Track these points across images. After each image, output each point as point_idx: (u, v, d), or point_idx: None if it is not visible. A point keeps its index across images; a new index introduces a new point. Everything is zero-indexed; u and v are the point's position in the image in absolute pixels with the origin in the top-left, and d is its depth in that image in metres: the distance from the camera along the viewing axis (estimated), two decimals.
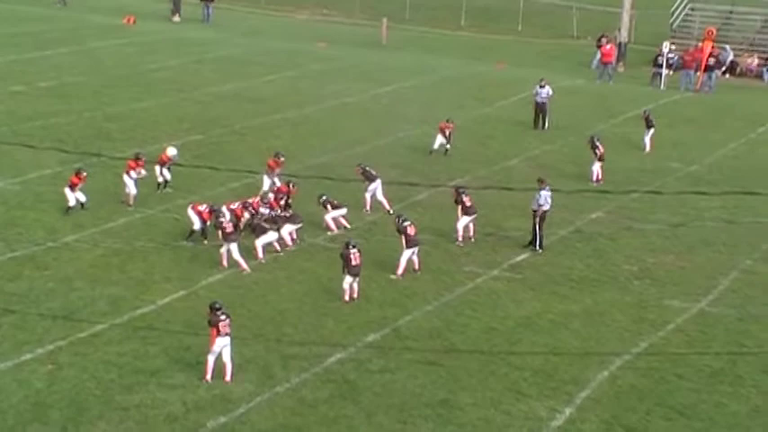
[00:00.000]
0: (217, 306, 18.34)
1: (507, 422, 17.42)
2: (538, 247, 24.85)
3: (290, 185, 25.83)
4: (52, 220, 25.05)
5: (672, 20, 52.07)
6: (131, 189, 26.28)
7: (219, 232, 23.12)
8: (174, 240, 24.28)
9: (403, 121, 35.31)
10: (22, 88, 36.99)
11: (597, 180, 29.98)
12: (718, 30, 48.56)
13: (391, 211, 26.29)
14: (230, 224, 23.40)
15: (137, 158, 26.49)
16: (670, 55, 45.42)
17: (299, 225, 24.64)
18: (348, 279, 21.61)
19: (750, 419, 18.01)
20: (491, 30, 55.67)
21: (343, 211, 25.64)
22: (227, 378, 18.10)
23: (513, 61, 48.39)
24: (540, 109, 35.53)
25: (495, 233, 25.99)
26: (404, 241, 23.08)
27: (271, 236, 23.86)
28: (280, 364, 18.81)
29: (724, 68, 47.76)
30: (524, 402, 17.99)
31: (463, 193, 25.14)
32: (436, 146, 31.65)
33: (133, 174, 26.23)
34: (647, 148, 33.62)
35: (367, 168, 27.07)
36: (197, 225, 24.01)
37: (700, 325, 21.53)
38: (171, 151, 27.73)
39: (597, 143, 30.21)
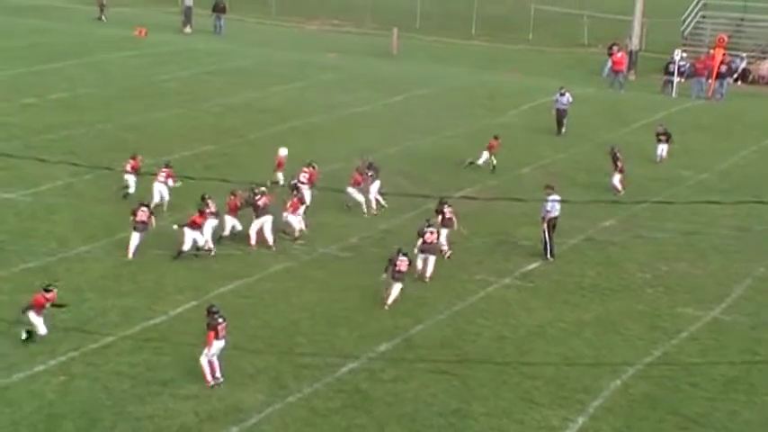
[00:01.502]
0: (214, 309, 18.47)
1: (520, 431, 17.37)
2: (549, 256, 24.80)
3: (313, 167, 27.21)
4: (64, 232, 25.11)
5: (683, 27, 52.01)
6: (165, 196, 26.65)
7: (253, 209, 24.30)
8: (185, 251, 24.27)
9: (413, 131, 35.31)
10: (33, 100, 37.13)
11: (618, 191, 29.50)
12: (729, 37, 48.50)
13: (385, 205, 27.31)
14: (263, 199, 24.44)
15: (167, 166, 27.05)
16: (681, 62, 45.35)
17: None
18: (392, 284, 21.71)
19: (764, 428, 17.92)
20: (502, 39, 55.68)
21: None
22: (217, 374, 18.14)
23: (524, 70, 48.39)
24: (559, 115, 36.33)
25: (506, 242, 25.95)
26: (419, 243, 23.11)
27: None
28: (292, 374, 18.80)
29: (736, 76, 47.67)
30: (537, 411, 17.94)
31: (445, 204, 24.77)
32: (481, 161, 31.19)
33: (170, 182, 26.68)
34: (659, 159, 33.27)
35: (373, 162, 27.31)
36: (187, 245, 23.84)
37: (713, 333, 21.45)
38: (283, 152, 28.48)
39: (618, 154, 29.90)
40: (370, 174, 27.52)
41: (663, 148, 33.24)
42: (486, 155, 31.39)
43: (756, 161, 34.75)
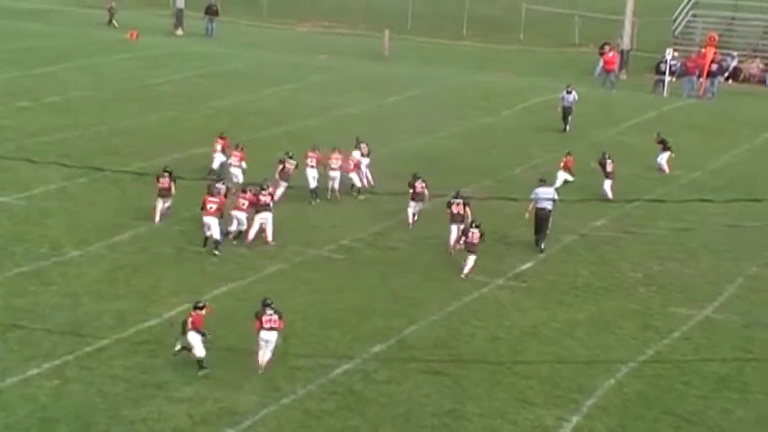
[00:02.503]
0: (267, 302, 19.06)
1: (514, 431, 17.42)
2: (537, 245, 25.13)
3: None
4: (58, 235, 25.11)
5: (674, 26, 52.13)
6: (240, 178, 27.97)
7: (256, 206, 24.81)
8: (179, 253, 24.32)
9: (405, 131, 35.35)
10: (28, 104, 37.11)
11: (609, 198, 29.11)
12: (720, 36, 48.62)
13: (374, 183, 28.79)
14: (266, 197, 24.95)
15: (239, 149, 28.77)
16: (672, 62, 45.45)
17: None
18: (468, 256, 23.56)
19: (757, 426, 18.00)
20: (493, 39, 55.76)
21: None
22: (261, 363, 18.80)
23: (516, 70, 48.47)
24: (565, 113, 36.92)
25: (499, 242, 25.99)
26: (448, 216, 24.89)
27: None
28: (286, 375, 18.83)
29: (727, 74, 47.79)
30: (531, 411, 18.00)
31: (455, 202, 25.09)
32: (558, 183, 29.87)
33: (243, 164, 28.32)
34: (666, 170, 32.62)
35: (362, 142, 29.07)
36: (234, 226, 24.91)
37: (706, 332, 21.53)
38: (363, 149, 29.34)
39: (607, 160, 29.84)
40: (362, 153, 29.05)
41: (663, 157, 32.85)
42: (563, 174, 30.52)
43: (748, 159, 34.85)
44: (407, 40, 55.16)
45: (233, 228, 25.08)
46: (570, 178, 30.65)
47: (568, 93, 36.87)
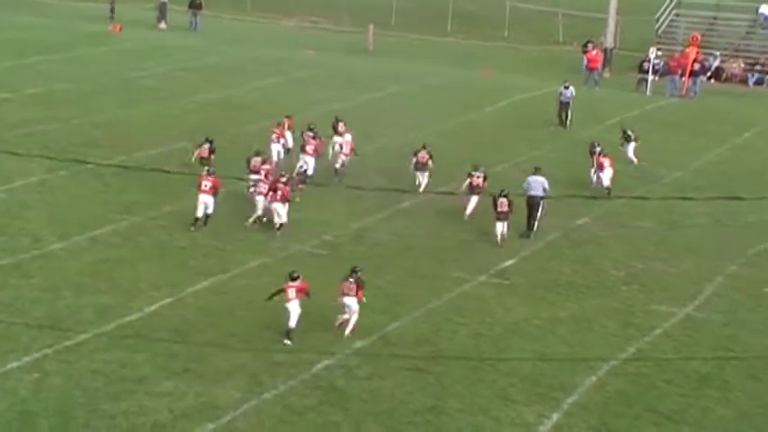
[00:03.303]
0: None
1: (495, 428, 17.43)
2: (529, 234, 25.88)
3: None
4: (38, 228, 24.95)
5: (657, 26, 52.26)
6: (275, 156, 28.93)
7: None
8: (161, 247, 24.22)
9: (389, 127, 35.29)
10: (8, 95, 36.85)
11: (603, 185, 29.46)
12: (702, 35, 48.77)
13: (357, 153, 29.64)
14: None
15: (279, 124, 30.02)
16: (655, 61, 45.57)
17: None
18: (496, 223, 25.18)
19: (738, 424, 18.07)
20: (477, 36, 55.78)
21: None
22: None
23: (499, 67, 48.46)
24: (563, 108, 37.48)
25: (482, 239, 26.01)
26: (467, 188, 26.71)
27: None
28: (267, 371, 18.77)
29: (709, 74, 47.95)
30: (512, 408, 18.01)
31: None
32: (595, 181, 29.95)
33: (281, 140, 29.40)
34: (636, 161, 32.82)
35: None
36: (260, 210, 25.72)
37: (687, 330, 21.60)
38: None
39: (596, 148, 30.09)
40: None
41: (629, 148, 33.00)
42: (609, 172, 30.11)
43: (730, 159, 34.98)
44: (392, 35, 55.11)
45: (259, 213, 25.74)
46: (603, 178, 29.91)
47: (566, 88, 37.33)
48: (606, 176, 29.59)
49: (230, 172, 28.21)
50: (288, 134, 30.34)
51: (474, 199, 26.74)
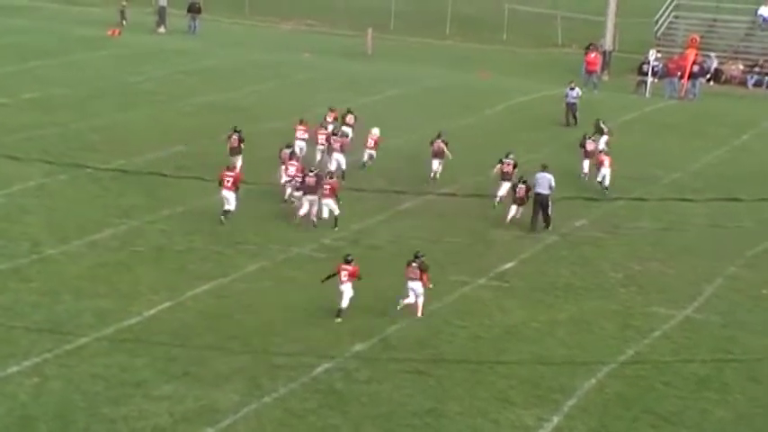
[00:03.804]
0: (417, 254, 21.52)
1: (495, 431, 17.42)
2: (531, 227, 26.46)
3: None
4: (37, 233, 24.97)
5: (656, 28, 52.25)
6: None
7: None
8: (160, 251, 24.23)
9: (388, 130, 35.27)
10: (6, 100, 36.88)
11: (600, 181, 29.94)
12: (702, 37, 48.78)
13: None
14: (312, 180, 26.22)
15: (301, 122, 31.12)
16: (654, 63, 45.59)
17: None
18: (513, 207, 26.60)
19: (737, 426, 18.07)
20: (476, 39, 55.78)
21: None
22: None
23: (498, 70, 48.48)
24: (569, 109, 38.30)
25: (480, 242, 26.03)
26: (499, 173, 28.07)
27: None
28: (267, 374, 18.78)
29: (708, 76, 47.98)
30: (511, 411, 18.01)
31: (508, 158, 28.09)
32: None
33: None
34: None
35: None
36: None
37: (685, 332, 21.60)
38: (375, 131, 31.37)
39: (588, 140, 31.22)
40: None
41: (601, 141, 33.24)
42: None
43: (729, 160, 35.00)
44: (390, 39, 55.12)
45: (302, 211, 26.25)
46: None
47: (571, 89, 38.15)
48: (605, 175, 29.77)
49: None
50: (348, 128, 31.92)
51: (505, 185, 27.93)
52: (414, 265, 21.35)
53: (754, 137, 38.30)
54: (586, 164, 30.91)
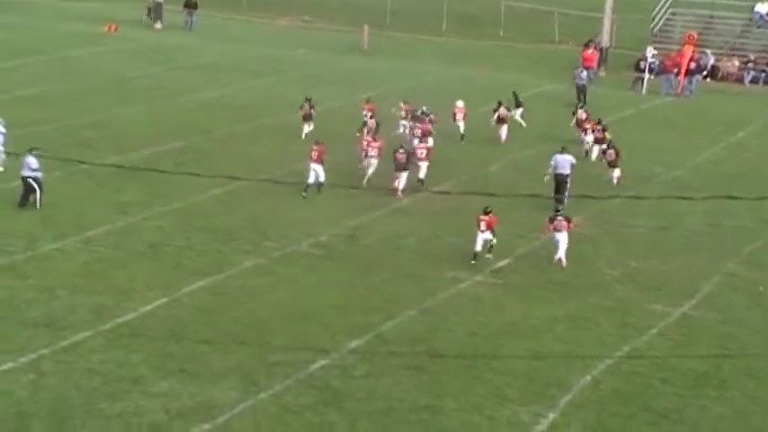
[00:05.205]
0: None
1: (491, 427, 17.41)
2: (558, 208, 26.88)
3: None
4: (33, 229, 24.91)
5: (653, 24, 52.27)
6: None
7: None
8: (155, 248, 24.19)
9: (387, 127, 35.24)
10: (1, 96, 36.77)
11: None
12: (699, 34, 48.78)
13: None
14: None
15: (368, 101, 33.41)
16: (652, 59, 45.58)
17: None
18: (613, 170, 29.37)
19: (734, 423, 18.06)
20: (472, 35, 55.76)
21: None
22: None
23: (495, 66, 48.47)
24: (579, 90, 41.29)
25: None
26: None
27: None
28: (263, 370, 18.75)
29: (705, 73, 47.98)
30: (508, 407, 17.99)
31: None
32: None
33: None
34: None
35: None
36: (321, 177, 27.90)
37: (683, 329, 21.59)
38: (460, 103, 34.93)
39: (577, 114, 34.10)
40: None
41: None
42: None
43: (726, 158, 35.01)
44: (387, 35, 55.08)
45: (311, 180, 27.54)
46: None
47: (580, 72, 41.97)
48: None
49: (221, 171, 28.25)
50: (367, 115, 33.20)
51: (504, 128, 33.15)
52: (559, 218, 24.23)
53: (750, 134, 38.32)
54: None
